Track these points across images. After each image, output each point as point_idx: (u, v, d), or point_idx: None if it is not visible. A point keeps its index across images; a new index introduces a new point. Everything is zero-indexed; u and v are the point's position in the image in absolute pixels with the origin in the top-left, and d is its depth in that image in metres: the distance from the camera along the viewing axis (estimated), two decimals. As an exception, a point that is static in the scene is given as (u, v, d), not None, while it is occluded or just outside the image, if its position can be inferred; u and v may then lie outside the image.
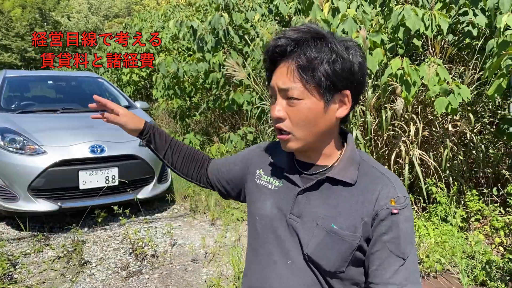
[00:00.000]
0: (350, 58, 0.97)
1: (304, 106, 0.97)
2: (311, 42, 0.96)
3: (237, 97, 5.71)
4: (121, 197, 4.41)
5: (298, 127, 0.99)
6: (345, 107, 1.01)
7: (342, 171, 1.04)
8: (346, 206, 1.02)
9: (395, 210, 0.98)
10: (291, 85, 0.97)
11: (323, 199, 1.04)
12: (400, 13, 3.76)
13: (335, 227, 1.01)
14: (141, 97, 10.84)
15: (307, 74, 0.95)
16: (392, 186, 1.01)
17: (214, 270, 3.48)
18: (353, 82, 0.99)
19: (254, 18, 6.24)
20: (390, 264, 0.99)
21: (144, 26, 11.39)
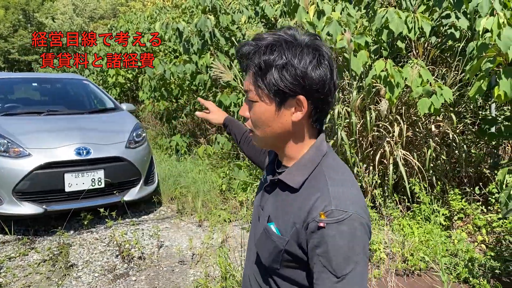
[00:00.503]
0: (301, 65, 0.98)
1: (258, 108, 1.03)
2: (266, 49, 1.00)
3: (223, 99, 5.73)
4: (108, 200, 4.39)
5: (256, 127, 1.07)
6: (300, 112, 1.02)
7: (290, 174, 1.06)
8: (287, 210, 1.04)
9: (322, 224, 0.94)
10: (248, 88, 1.04)
11: (273, 199, 1.11)
12: (383, 16, 3.82)
13: (272, 227, 1.06)
14: (127, 99, 10.78)
15: (258, 79, 1.01)
16: (328, 198, 0.96)
17: (201, 271, 3.49)
18: (305, 88, 0.99)
19: (240, 20, 6.26)
20: (323, 280, 0.96)
21: (130, 27, 11.35)
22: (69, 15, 23.69)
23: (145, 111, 8.66)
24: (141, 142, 4.88)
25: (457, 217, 3.87)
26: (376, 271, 3.30)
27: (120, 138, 4.69)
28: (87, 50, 11.89)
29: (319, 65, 1.00)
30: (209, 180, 5.37)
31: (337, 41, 3.88)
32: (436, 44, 4.34)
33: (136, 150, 4.71)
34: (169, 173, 5.65)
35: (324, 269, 0.95)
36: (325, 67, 1.01)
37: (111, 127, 5.00)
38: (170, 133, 8.01)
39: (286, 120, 1.03)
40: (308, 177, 1.04)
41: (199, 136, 7.29)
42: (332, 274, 0.94)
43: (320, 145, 1.09)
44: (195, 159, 6.31)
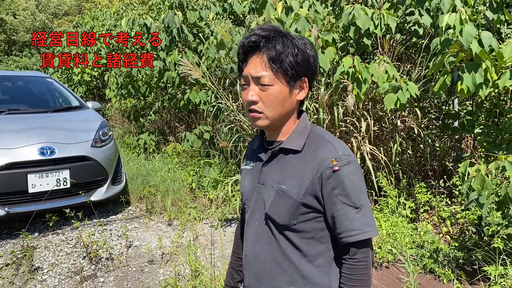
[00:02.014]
0: (308, 52, 1.22)
1: (274, 90, 1.19)
2: (279, 39, 1.19)
3: (192, 96, 5.67)
4: (73, 200, 4.28)
5: (269, 107, 1.20)
6: (303, 91, 1.25)
7: (291, 141, 1.24)
8: (294, 170, 1.21)
9: (336, 167, 1.15)
10: (263, 73, 1.18)
11: (278, 166, 1.26)
12: (350, 12, 3.86)
13: (284, 187, 1.22)
14: (94, 97, 10.54)
15: (276, 64, 1.17)
16: (334, 148, 1.19)
17: (171, 270, 3.45)
18: (309, 71, 1.23)
19: (208, 17, 6.21)
20: (346, 214, 1.16)
21: (95, 24, 11.08)
22: (31, 11, 22.89)
23: (112, 109, 8.48)
24: (108, 140, 4.78)
25: (423, 209, 3.97)
26: (346, 265, 3.33)
27: (85, 137, 4.57)
28: (54, 49, 11.56)
29: (315, 53, 1.25)
30: (178, 178, 5.31)
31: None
32: (401, 41, 4.42)
33: (102, 149, 4.61)
34: (137, 172, 5.56)
35: (344, 206, 1.16)
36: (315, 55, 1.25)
37: (76, 126, 4.87)
38: (138, 131, 7.88)
39: (294, 99, 1.24)
40: (306, 140, 1.24)
41: (168, 134, 7.20)
42: (352, 206, 1.16)
43: (306, 118, 1.31)
44: (164, 157, 6.23)
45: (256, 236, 1.30)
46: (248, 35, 1.22)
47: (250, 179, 1.35)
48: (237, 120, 4.81)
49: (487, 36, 3.17)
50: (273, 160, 1.28)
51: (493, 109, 4.30)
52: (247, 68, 1.22)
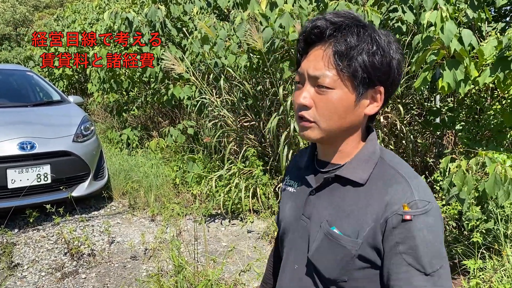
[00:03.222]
0: (390, 53, 0.91)
1: (334, 96, 0.89)
2: (353, 28, 0.89)
3: (176, 92, 5.63)
4: (54, 196, 4.22)
5: (324, 117, 0.91)
6: (375, 104, 0.93)
7: (352, 169, 0.95)
8: (352, 209, 0.92)
9: (408, 216, 0.85)
10: (323, 72, 0.89)
11: (330, 199, 0.97)
12: (335, 8, 3.87)
13: (335, 230, 0.93)
14: (75, 91, 10.38)
15: (343, 62, 0.88)
16: (408, 188, 0.88)
17: (154, 266, 3.43)
18: (389, 78, 0.92)
19: (192, 11, 6.16)
20: (409, 279, 0.86)
21: (77, 18, 10.90)
22: (11, 3, 22.42)
23: (94, 103, 8.37)
24: (90, 135, 4.72)
25: (404, 204, 4.01)
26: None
27: (67, 132, 4.51)
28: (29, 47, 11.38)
29: (402, 57, 0.93)
30: (162, 174, 5.28)
31: (289, 33, 3.90)
32: (384, 38, 4.45)
33: (84, 144, 4.55)
34: (120, 167, 5.50)
35: (409, 268, 0.85)
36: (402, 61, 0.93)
37: (57, 121, 4.79)
38: (121, 126, 7.80)
39: (360, 112, 0.93)
40: (373, 171, 0.94)
41: (151, 129, 7.14)
42: (420, 271, 0.85)
43: (376, 139, 0.99)
44: (147, 153, 6.18)
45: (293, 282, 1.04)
46: (314, 18, 0.93)
47: (292, 206, 1.07)
48: (221, 116, 4.79)
49: (467, 34, 3.21)
50: (325, 189, 0.99)
51: (473, 106, 4.37)
52: (305, 63, 0.94)
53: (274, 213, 4.09)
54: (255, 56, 4.34)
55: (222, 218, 4.38)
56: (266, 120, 4.46)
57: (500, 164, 2.89)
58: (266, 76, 4.58)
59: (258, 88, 4.67)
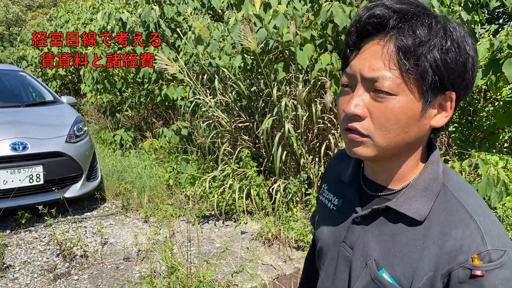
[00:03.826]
0: (467, 49, 0.72)
1: (396, 104, 0.70)
2: (424, 18, 0.70)
3: (170, 92, 5.61)
4: (47, 197, 4.18)
5: (382, 131, 0.73)
6: (444, 114, 0.75)
7: (408, 202, 0.77)
8: (406, 251, 0.76)
9: (479, 271, 0.68)
10: (383, 73, 0.70)
11: (379, 234, 0.80)
12: (328, 9, 3.88)
13: (385, 275, 0.77)
14: (69, 92, 10.33)
15: (409, 60, 0.69)
16: (478, 232, 0.70)
17: (147, 267, 3.41)
18: (463, 82, 0.73)
19: (186, 12, 6.15)
20: None
21: (70, 18, 10.85)
22: (4, 3, 22.30)
23: (88, 104, 8.32)
24: (83, 136, 4.69)
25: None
26: (322, 261, 3.36)
27: (59, 132, 4.47)
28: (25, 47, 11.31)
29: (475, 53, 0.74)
30: (155, 175, 5.26)
31: (283, 34, 3.91)
32: (378, 39, 4.46)
33: (77, 144, 4.52)
34: (113, 168, 5.47)
35: None
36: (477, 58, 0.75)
37: (50, 121, 4.76)
38: (114, 127, 7.76)
39: (425, 124, 0.74)
40: (434, 204, 0.76)
41: (144, 130, 7.11)
42: None
43: (439, 160, 0.80)
44: (141, 153, 6.15)
45: None
46: (371, 4, 0.73)
47: (332, 229, 0.91)
48: (215, 116, 4.78)
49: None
50: (374, 221, 0.82)
51: (466, 107, 4.40)
52: (357, 61, 0.75)
53: (268, 214, 4.09)
54: (249, 57, 4.34)
55: (215, 219, 4.37)
56: (260, 121, 4.46)
57: (492, 166, 2.90)
58: (260, 77, 4.58)
59: (252, 89, 4.67)
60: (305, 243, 3.63)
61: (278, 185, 4.08)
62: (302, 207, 4.17)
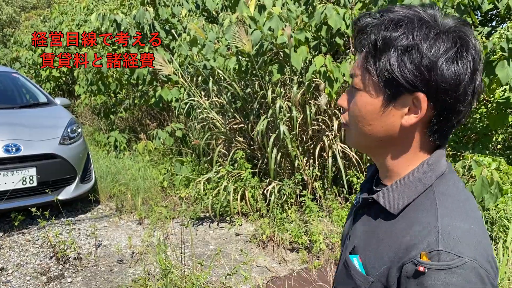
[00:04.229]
0: (432, 52, 0.73)
1: (360, 98, 0.81)
2: (390, 23, 0.76)
3: (164, 94, 5.60)
4: (40, 199, 4.16)
5: (352, 121, 0.84)
6: (414, 114, 0.77)
7: (387, 195, 0.82)
8: (378, 241, 0.81)
9: (422, 268, 0.69)
10: (355, 71, 0.82)
11: (365, 225, 0.87)
12: (322, 12, 3.89)
13: (353, 260, 0.83)
14: (63, 93, 10.29)
15: (370, 60, 0.78)
16: (435, 233, 0.71)
17: (141, 269, 3.39)
18: (429, 84, 0.74)
19: (181, 13, 6.15)
20: None
21: (64, 19, 10.81)
22: (-2, 4, 22.20)
23: (82, 106, 8.29)
24: (76, 138, 4.67)
25: (392, 207, 4.03)
26: (316, 262, 3.37)
27: (53, 134, 4.45)
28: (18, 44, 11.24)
29: (457, 58, 0.73)
30: (149, 177, 5.24)
31: (278, 36, 3.91)
32: (372, 41, 4.47)
33: (71, 146, 4.50)
34: (107, 170, 5.45)
35: None
36: (466, 63, 0.74)
37: (43, 123, 4.73)
38: (109, 128, 7.74)
39: (393, 121, 0.79)
40: (413, 201, 0.79)
41: (139, 132, 7.09)
42: None
43: (436, 162, 0.81)
44: (135, 155, 6.13)
45: None
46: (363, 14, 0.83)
47: (347, 223, 0.99)
48: (210, 118, 4.78)
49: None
50: (366, 213, 0.89)
51: (460, 109, 4.41)
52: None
53: (262, 216, 4.09)
54: (244, 58, 4.34)
55: (210, 221, 4.36)
56: (255, 122, 4.46)
57: (486, 167, 2.92)
58: (255, 78, 4.58)
59: (247, 91, 4.67)
60: (299, 244, 3.63)
61: (273, 187, 4.08)
62: (297, 209, 4.17)
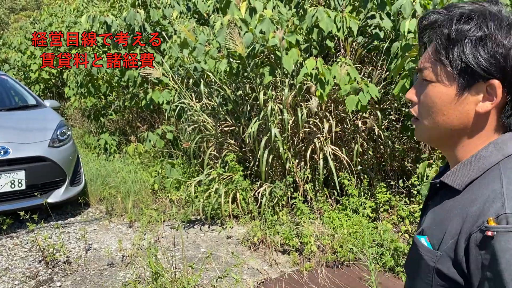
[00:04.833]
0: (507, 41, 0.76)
1: (432, 89, 0.83)
2: (461, 17, 0.79)
3: (155, 96, 5.58)
4: (29, 202, 4.11)
5: (425, 113, 0.85)
6: (489, 101, 0.78)
7: (453, 174, 0.83)
8: (443, 218, 0.82)
9: (490, 232, 0.69)
10: (425, 65, 0.84)
11: (433, 207, 0.88)
12: (313, 14, 3.90)
13: (421, 240, 0.84)
14: (52, 95, 10.21)
15: (442, 52, 0.80)
16: (500, 198, 0.72)
17: (131, 273, 3.37)
18: (504, 70, 0.76)
19: (172, 15, 6.13)
20: None
21: (54, 21, 10.73)
22: (-14, 5, 21.98)
23: (72, 108, 8.23)
24: (66, 140, 4.63)
25: (383, 209, 4.05)
26: (308, 264, 3.37)
27: (42, 137, 4.41)
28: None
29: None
30: (140, 179, 5.21)
31: (269, 39, 3.91)
32: (363, 44, 4.51)
33: (60, 149, 4.46)
34: (97, 173, 5.41)
35: None
36: None
37: (32, 125, 4.69)
38: (99, 131, 7.68)
39: (467, 109, 0.81)
40: (478, 177, 0.80)
41: (129, 134, 7.05)
42: None
43: (504, 143, 0.81)
44: (125, 158, 6.09)
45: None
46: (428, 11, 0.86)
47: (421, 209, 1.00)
48: (201, 120, 4.76)
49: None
50: (434, 197, 0.91)
51: (449, 111, 4.45)
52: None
53: (253, 218, 4.08)
54: (235, 61, 4.33)
55: (201, 224, 4.34)
56: (246, 125, 4.46)
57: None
58: (246, 81, 4.58)
59: (238, 93, 4.66)
60: (290, 247, 3.62)
61: (264, 189, 4.08)
62: (288, 211, 4.17)
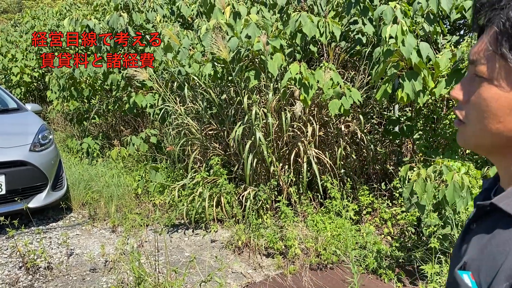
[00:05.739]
0: None
1: (488, 89, 0.64)
2: None
3: (139, 100, 5.54)
4: (8, 207, 4.04)
5: (474, 118, 0.67)
6: None
7: (509, 197, 0.66)
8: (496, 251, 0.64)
9: None
10: (479, 57, 0.65)
11: (480, 235, 0.70)
12: (297, 19, 3.94)
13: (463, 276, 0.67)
14: (34, 99, 10.06)
15: (504, 44, 0.61)
16: None
17: (114, 278, 3.33)
18: None
19: (155, 19, 6.11)
20: None
21: (36, 24, 10.59)
22: (-34, 7, 21.59)
23: (54, 112, 8.12)
24: (48, 144, 4.57)
25: (365, 211, 4.09)
26: (292, 267, 3.38)
27: (23, 141, 4.34)
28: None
29: None
30: (123, 183, 5.16)
31: (254, 43, 3.93)
32: (346, 49, 4.56)
33: (41, 153, 4.40)
34: (80, 177, 5.34)
35: None
36: None
37: (13, 129, 4.61)
38: (81, 135, 7.59)
39: None
40: None
41: (112, 138, 6.98)
42: None
43: None
44: (109, 162, 6.04)
45: None
46: None
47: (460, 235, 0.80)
48: (185, 124, 4.75)
49: (425, 47, 3.34)
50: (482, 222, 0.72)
51: (430, 115, 4.53)
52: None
53: (238, 222, 4.08)
54: (220, 65, 4.34)
55: (185, 228, 4.32)
56: (230, 129, 4.46)
57: (456, 172, 3.00)
58: (231, 85, 4.59)
59: (223, 97, 4.67)
60: (274, 250, 3.63)
61: (248, 193, 4.08)
62: (272, 214, 4.18)
